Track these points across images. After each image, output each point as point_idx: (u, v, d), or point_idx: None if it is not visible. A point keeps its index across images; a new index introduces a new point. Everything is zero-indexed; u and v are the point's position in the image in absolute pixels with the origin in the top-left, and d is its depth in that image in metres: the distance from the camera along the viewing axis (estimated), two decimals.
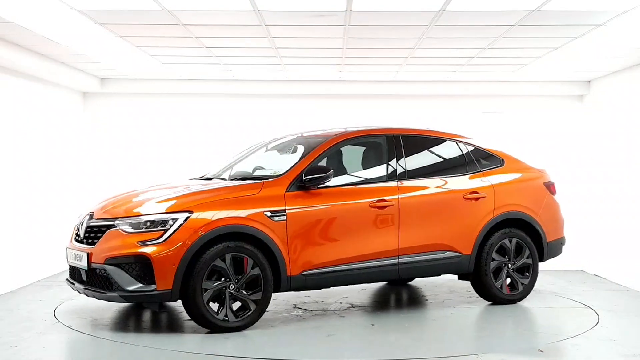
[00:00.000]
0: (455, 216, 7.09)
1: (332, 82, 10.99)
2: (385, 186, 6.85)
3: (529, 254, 7.42)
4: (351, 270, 6.56)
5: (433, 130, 7.59)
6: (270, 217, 6.22)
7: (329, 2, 6.29)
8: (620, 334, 6.21)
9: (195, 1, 6.31)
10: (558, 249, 7.82)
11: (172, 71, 10.19)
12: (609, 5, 6.33)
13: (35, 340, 5.81)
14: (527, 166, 7.82)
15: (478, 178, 7.34)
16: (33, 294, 8.03)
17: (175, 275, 5.83)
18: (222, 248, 6.00)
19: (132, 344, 5.68)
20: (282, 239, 6.23)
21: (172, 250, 5.85)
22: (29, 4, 6.39)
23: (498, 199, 7.30)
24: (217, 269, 6.01)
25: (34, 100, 9.49)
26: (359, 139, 7.15)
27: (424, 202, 6.99)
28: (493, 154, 7.62)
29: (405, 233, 6.80)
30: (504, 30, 7.36)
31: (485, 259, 7.19)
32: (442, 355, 5.41)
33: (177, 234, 5.90)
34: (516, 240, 7.37)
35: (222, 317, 6.03)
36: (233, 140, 10.69)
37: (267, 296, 6.20)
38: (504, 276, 7.31)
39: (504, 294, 7.32)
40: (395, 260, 6.77)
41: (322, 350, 5.64)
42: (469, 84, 10.95)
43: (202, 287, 5.93)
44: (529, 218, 7.46)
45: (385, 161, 7.02)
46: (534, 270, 7.45)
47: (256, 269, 6.12)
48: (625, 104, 9.71)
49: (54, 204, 10.04)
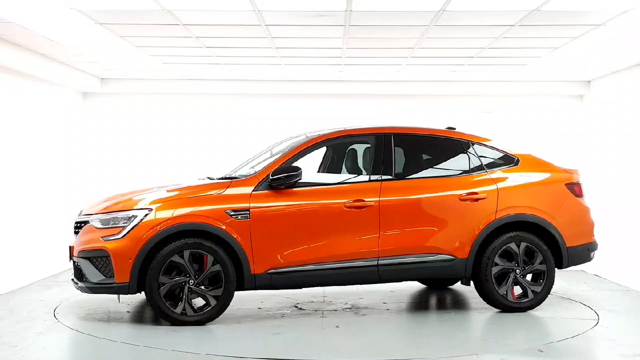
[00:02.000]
0: (448, 218, 6.74)
1: (332, 81, 10.99)
2: (367, 186, 6.69)
3: (542, 260, 6.88)
4: (323, 271, 6.51)
5: (435, 129, 7.26)
6: (233, 215, 6.32)
7: (329, 2, 6.29)
8: (620, 334, 6.21)
9: (195, 1, 6.31)
10: (584, 255, 7.15)
11: (172, 71, 10.19)
12: (609, 5, 6.34)
13: (35, 340, 5.81)
14: (547, 166, 7.24)
15: (481, 178, 6.93)
16: (33, 294, 8.02)
17: (131, 270, 6.15)
18: (180, 244, 6.20)
19: (132, 344, 5.68)
20: (245, 237, 6.32)
21: (129, 246, 6.17)
22: (29, 4, 6.39)
23: (502, 201, 6.85)
24: (175, 264, 6.22)
25: (34, 100, 9.49)
26: (342, 139, 7.07)
27: (411, 203, 6.71)
28: (505, 153, 7.15)
29: (387, 234, 6.58)
30: (504, 30, 7.36)
31: (485, 264, 6.78)
32: (442, 356, 5.41)
33: (135, 230, 6.21)
34: (525, 245, 6.86)
35: (180, 311, 6.24)
36: (233, 140, 10.70)
37: (229, 292, 6.33)
38: (510, 282, 6.83)
39: (509, 301, 6.84)
40: (375, 262, 6.60)
41: (323, 350, 5.64)
42: (469, 83, 10.96)
43: (159, 282, 6.18)
44: (541, 221, 6.90)
45: (371, 161, 6.85)
46: (548, 278, 6.91)
47: (217, 265, 6.26)
48: (625, 104, 9.71)
49: (54, 203, 10.04)
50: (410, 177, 6.88)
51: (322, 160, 7.71)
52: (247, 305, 7.53)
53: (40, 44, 8.08)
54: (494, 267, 6.80)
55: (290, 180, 6.44)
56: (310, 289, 8.09)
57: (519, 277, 6.86)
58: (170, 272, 6.23)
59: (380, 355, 5.44)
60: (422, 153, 7.16)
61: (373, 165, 6.80)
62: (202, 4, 6.39)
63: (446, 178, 6.92)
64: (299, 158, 6.68)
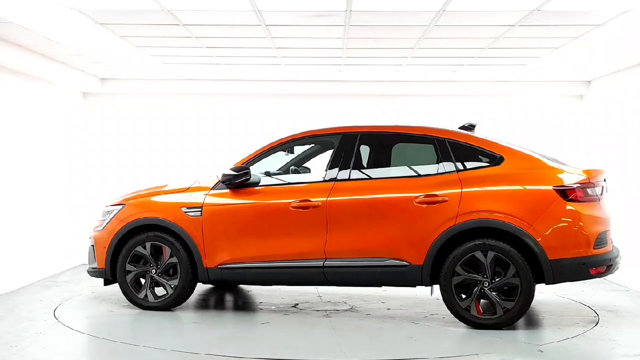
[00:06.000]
0: (401, 221, 6.28)
1: (332, 81, 10.99)
2: (318, 186, 6.63)
3: (516, 273, 6.02)
4: (270, 269, 6.61)
5: (406, 127, 6.79)
6: (186, 212, 6.79)
7: (329, 2, 6.29)
8: (620, 334, 6.21)
9: (195, 1, 6.31)
10: (578, 271, 6.08)
11: (172, 71, 10.19)
12: (609, 5, 6.34)
13: (35, 340, 5.81)
14: (539, 165, 6.31)
15: (447, 179, 6.31)
16: (33, 294, 8.02)
17: (106, 258, 6.98)
18: (142, 237, 6.87)
19: (132, 344, 5.68)
20: (198, 233, 6.73)
21: (105, 237, 7.03)
22: (29, 4, 6.39)
23: (465, 204, 6.16)
24: (139, 254, 6.90)
25: (34, 100, 9.49)
26: (307, 139, 7.07)
27: (361, 204, 6.44)
28: (486, 150, 6.42)
29: (334, 235, 6.43)
30: (504, 30, 7.36)
31: (445, 273, 6.15)
32: (442, 355, 5.41)
33: (111, 223, 7.04)
34: (494, 255, 6.05)
35: (142, 296, 6.90)
36: (233, 140, 10.70)
37: (184, 283, 6.78)
38: (474, 295, 6.09)
39: (472, 315, 6.12)
40: (321, 263, 6.47)
41: (323, 350, 5.64)
42: (469, 83, 10.96)
43: (126, 269, 6.91)
44: (512, 228, 6.04)
45: (331, 161, 6.72)
46: (522, 294, 5.99)
47: (174, 257, 6.80)
48: (625, 104, 9.72)
49: (54, 203, 10.04)
50: (370, 177, 6.64)
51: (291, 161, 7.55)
52: (247, 305, 7.54)
53: (40, 44, 8.08)
54: (456, 277, 6.14)
55: (236, 180, 6.68)
56: (309, 289, 8.10)
57: (487, 290, 6.09)
58: (138, 261, 6.92)
59: (380, 355, 5.44)
60: (390, 152, 6.85)
61: (330, 166, 6.69)
62: (202, 4, 6.39)
63: (408, 178, 6.48)
64: (262, 158, 6.92)
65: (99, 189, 11.05)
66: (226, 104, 11.28)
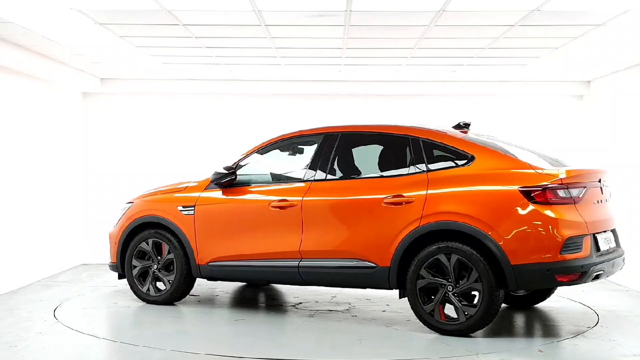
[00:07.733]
0: (369, 222, 6.24)
1: (332, 81, 10.99)
2: (296, 187, 6.68)
3: (478, 277, 5.80)
4: (252, 267, 6.79)
5: (385, 126, 6.70)
6: (181, 211, 7.13)
7: (329, 2, 6.29)
8: (620, 334, 6.21)
9: (195, 1, 6.31)
10: (542, 278, 5.73)
11: (172, 71, 10.19)
12: (609, 5, 6.33)
13: (35, 340, 5.82)
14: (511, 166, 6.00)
15: (416, 179, 6.18)
16: (33, 294, 8.03)
17: (117, 252, 7.46)
18: (145, 234, 7.30)
19: (132, 344, 5.68)
20: (191, 231, 7.04)
21: (116, 233, 7.52)
22: (29, 4, 6.39)
23: (429, 205, 6.01)
24: (143, 250, 7.32)
25: (34, 100, 9.49)
26: (293, 140, 7.11)
27: (333, 205, 6.47)
28: (460, 150, 6.16)
29: (309, 235, 6.48)
30: (504, 30, 7.36)
31: (410, 276, 6.04)
32: (442, 355, 5.41)
33: (122, 220, 7.53)
34: (457, 258, 5.87)
35: (145, 290, 7.29)
36: (233, 140, 10.69)
37: (180, 278, 7.11)
38: (437, 299, 5.96)
39: (435, 320, 5.99)
40: (297, 263, 6.54)
41: (323, 350, 5.64)
42: (469, 83, 10.96)
43: (132, 264, 7.35)
44: (472, 230, 5.81)
45: (311, 161, 6.75)
46: (484, 299, 5.76)
47: (172, 254, 7.16)
48: (625, 104, 9.72)
49: (54, 203, 10.04)
50: (345, 177, 6.66)
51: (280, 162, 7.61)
52: (247, 305, 7.55)
53: (40, 44, 8.08)
54: (420, 280, 6.01)
55: (223, 180, 6.94)
56: (312, 289, 8.10)
57: (451, 295, 5.93)
58: (143, 257, 7.34)
59: (380, 356, 5.44)
60: (368, 152, 6.82)
61: (310, 166, 6.74)
62: (202, 4, 6.39)
63: (380, 179, 6.43)
64: (251, 158, 7.10)
65: (99, 189, 11.05)
66: (226, 104, 11.28)
